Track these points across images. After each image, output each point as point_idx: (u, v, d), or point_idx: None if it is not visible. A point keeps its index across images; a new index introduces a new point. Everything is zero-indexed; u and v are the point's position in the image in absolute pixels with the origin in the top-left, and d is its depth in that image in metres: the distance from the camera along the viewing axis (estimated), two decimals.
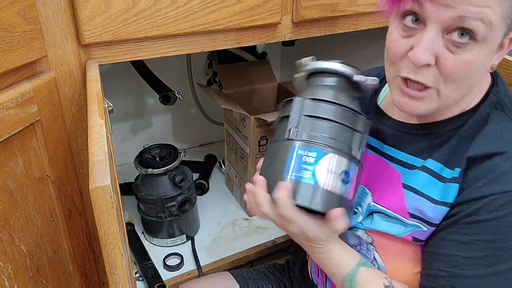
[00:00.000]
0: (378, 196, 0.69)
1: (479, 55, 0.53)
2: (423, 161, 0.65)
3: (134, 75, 1.23)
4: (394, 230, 0.66)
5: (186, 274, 1.05)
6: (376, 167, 0.71)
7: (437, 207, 0.62)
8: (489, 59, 0.56)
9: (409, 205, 0.65)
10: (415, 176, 0.65)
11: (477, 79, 0.58)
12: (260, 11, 0.86)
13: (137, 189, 1.09)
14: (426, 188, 0.63)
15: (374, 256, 0.71)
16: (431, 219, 0.63)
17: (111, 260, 0.49)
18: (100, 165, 0.49)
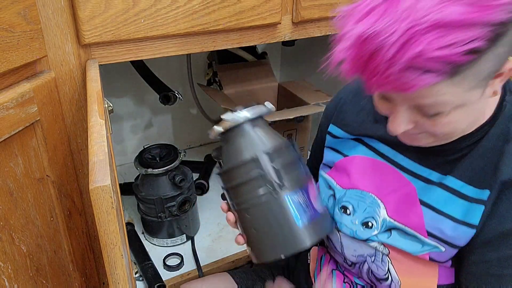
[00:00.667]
0: (394, 210, 0.67)
1: (457, 114, 0.52)
2: (441, 177, 0.63)
3: (134, 75, 1.22)
4: (410, 248, 0.65)
5: (186, 274, 1.05)
6: (387, 176, 0.69)
7: (457, 226, 0.60)
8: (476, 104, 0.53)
9: (428, 224, 0.63)
10: (433, 193, 0.63)
11: (472, 120, 0.57)
12: (260, 11, 0.86)
13: (137, 189, 1.09)
14: (447, 207, 0.62)
15: (389, 268, 0.70)
16: (450, 238, 0.61)
17: (111, 260, 0.49)
18: (100, 165, 0.49)
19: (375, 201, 0.69)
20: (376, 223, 0.68)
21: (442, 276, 0.66)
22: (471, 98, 0.51)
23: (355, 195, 0.72)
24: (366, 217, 0.70)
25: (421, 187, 0.64)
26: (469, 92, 0.49)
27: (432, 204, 0.63)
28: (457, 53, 0.44)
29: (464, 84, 0.48)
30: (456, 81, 0.48)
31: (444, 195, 0.62)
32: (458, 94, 0.49)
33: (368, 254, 0.71)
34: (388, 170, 0.69)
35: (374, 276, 0.72)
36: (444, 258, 0.63)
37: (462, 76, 0.47)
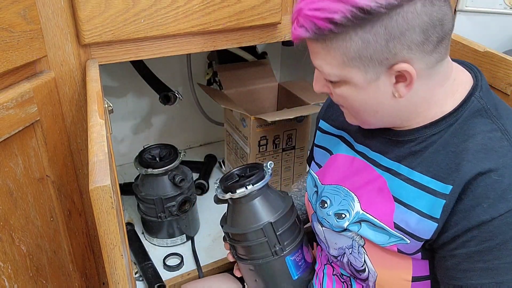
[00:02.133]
0: (367, 204, 0.69)
1: (350, 92, 0.60)
2: (409, 171, 0.64)
3: (134, 75, 1.22)
4: (378, 239, 0.67)
5: (186, 274, 1.05)
6: (363, 172, 0.71)
7: (422, 220, 0.62)
8: (373, 93, 0.59)
9: (396, 216, 0.65)
10: (403, 188, 0.65)
11: (379, 109, 0.62)
12: (260, 11, 0.86)
13: (137, 189, 1.09)
14: (415, 201, 0.63)
15: (365, 259, 0.71)
16: (414, 231, 0.63)
17: (111, 260, 0.49)
18: (100, 165, 0.49)
19: (349, 195, 0.72)
20: (349, 215, 0.71)
21: (416, 268, 0.67)
22: (354, 78, 0.58)
23: (332, 190, 0.75)
24: (340, 209, 0.72)
25: (391, 181, 0.66)
26: (344, 68, 0.57)
27: (402, 198, 0.64)
28: (320, 18, 0.54)
29: (336, 56, 0.57)
30: (325, 47, 0.57)
31: (412, 190, 0.63)
32: (334, 65, 0.58)
33: (346, 246, 0.74)
34: (363, 166, 0.71)
35: (354, 267, 0.74)
36: (411, 250, 0.64)
37: (330, 45, 0.56)
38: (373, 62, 0.56)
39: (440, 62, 0.58)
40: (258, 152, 1.16)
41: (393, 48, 0.54)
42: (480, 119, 0.60)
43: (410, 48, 0.54)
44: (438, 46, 0.56)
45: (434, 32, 0.55)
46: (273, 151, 1.18)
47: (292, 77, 1.58)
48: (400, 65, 0.55)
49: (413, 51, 0.55)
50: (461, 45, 0.87)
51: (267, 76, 1.37)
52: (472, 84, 0.63)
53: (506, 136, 0.58)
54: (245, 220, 0.80)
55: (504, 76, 0.80)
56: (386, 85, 0.58)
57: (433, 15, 0.53)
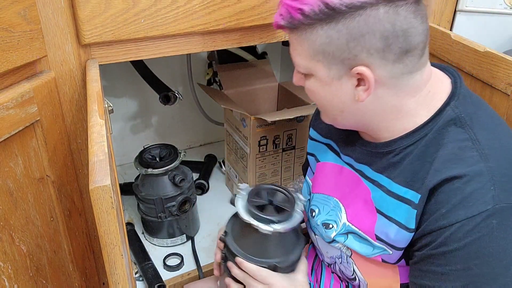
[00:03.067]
0: (352, 215, 0.70)
1: (316, 86, 0.62)
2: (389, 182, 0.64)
3: (134, 75, 1.22)
4: (363, 251, 0.68)
5: (186, 274, 1.05)
6: (350, 182, 0.71)
7: (400, 230, 0.62)
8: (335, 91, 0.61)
9: (377, 228, 0.65)
10: (384, 200, 0.65)
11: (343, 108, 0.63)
12: (260, 11, 0.86)
13: (137, 189, 1.09)
14: (394, 212, 0.63)
15: (354, 269, 0.72)
16: (394, 241, 0.63)
17: (111, 260, 0.49)
18: (100, 165, 0.49)
19: (337, 205, 0.72)
20: (337, 226, 0.71)
21: (403, 275, 0.68)
22: (319, 72, 0.60)
23: (321, 199, 0.76)
24: (328, 219, 0.73)
25: (375, 192, 0.67)
26: (311, 60, 0.60)
27: (383, 210, 0.65)
28: (294, 7, 0.57)
29: (305, 47, 0.59)
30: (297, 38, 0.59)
31: (392, 202, 0.64)
32: (303, 57, 0.60)
33: (336, 255, 0.75)
34: (351, 176, 0.71)
35: (346, 276, 0.75)
36: (393, 259, 0.65)
37: (300, 35, 0.59)
38: (336, 60, 0.57)
39: (409, 74, 0.58)
40: (258, 152, 1.16)
41: (353, 49, 0.56)
42: (454, 128, 0.60)
43: (369, 52, 0.55)
44: (402, 58, 0.56)
45: (397, 42, 0.55)
46: (273, 151, 1.18)
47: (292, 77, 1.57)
48: (359, 68, 0.56)
49: (373, 57, 0.56)
50: (461, 45, 0.87)
51: (267, 76, 1.37)
52: (450, 92, 0.63)
53: (476, 145, 0.58)
54: (253, 247, 0.76)
55: (504, 76, 0.80)
56: (347, 86, 0.59)
57: (396, 24, 0.54)
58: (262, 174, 1.20)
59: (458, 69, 0.91)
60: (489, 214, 0.54)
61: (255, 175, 1.19)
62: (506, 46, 1.06)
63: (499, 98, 0.82)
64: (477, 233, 0.54)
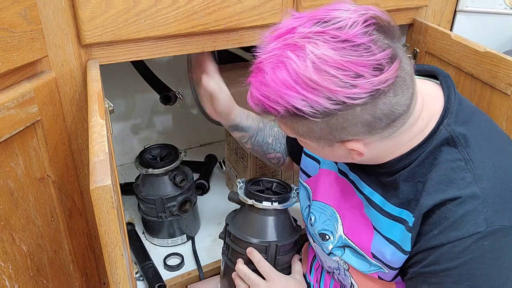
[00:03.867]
0: (349, 227, 0.70)
1: (310, 148, 0.63)
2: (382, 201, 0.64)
3: (135, 75, 1.22)
4: (360, 267, 0.68)
5: (187, 274, 1.05)
6: (345, 191, 0.72)
7: (396, 252, 0.62)
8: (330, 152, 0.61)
9: (374, 246, 0.66)
10: (379, 220, 0.65)
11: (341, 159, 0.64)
12: (261, 11, 0.86)
13: (138, 189, 1.09)
14: (391, 232, 0.63)
15: (352, 282, 0.73)
16: (390, 262, 0.64)
17: (111, 260, 0.49)
18: (101, 165, 0.49)
19: (334, 215, 0.73)
20: (333, 237, 0.72)
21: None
22: (309, 144, 0.61)
23: (318, 207, 0.76)
24: (324, 228, 0.73)
25: (367, 208, 0.67)
26: (297, 136, 0.60)
27: (380, 230, 0.65)
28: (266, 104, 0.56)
29: (288, 128, 0.59)
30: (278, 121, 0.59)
31: (386, 222, 0.64)
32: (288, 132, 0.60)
33: (334, 267, 0.76)
34: (346, 187, 0.72)
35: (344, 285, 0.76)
36: (389, 277, 0.66)
37: (280, 120, 0.58)
38: (323, 139, 0.58)
39: (402, 127, 0.58)
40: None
41: (338, 135, 0.56)
42: (447, 148, 0.59)
43: (356, 135, 0.56)
44: (390, 125, 0.56)
45: (380, 122, 0.55)
46: None
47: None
48: (349, 144, 0.57)
49: (360, 136, 0.56)
50: (461, 45, 0.87)
51: None
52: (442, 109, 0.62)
53: (469, 166, 0.57)
54: (255, 230, 0.81)
55: (504, 76, 0.80)
56: (340, 150, 0.60)
57: (376, 112, 0.54)
58: (262, 174, 1.20)
59: (458, 69, 0.91)
60: (481, 236, 0.54)
61: (256, 175, 1.19)
62: (506, 46, 1.06)
63: (499, 98, 0.82)
64: (468, 254, 0.54)
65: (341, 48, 0.51)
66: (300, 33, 0.53)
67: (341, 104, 0.51)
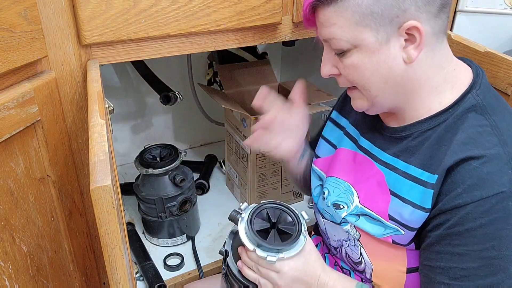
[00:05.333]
0: (364, 198, 0.70)
1: (361, 57, 0.60)
2: (405, 165, 0.65)
3: (135, 75, 1.23)
4: (374, 231, 0.68)
5: (187, 274, 1.05)
6: (363, 167, 0.72)
7: (414, 211, 0.62)
8: (384, 57, 0.59)
9: (391, 209, 0.66)
10: (399, 182, 0.65)
11: (389, 78, 0.61)
12: (261, 11, 0.86)
13: (138, 189, 1.09)
14: (409, 194, 0.64)
15: (361, 252, 0.73)
16: (408, 221, 0.63)
17: (111, 260, 0.49)
18: (101, 165, 0.49)
19: (349, 189, 0.73)
20: (348, 207, 0.72)
21: (410, 259, 0.68)
22: (366, 40, 0.58)
23: (333, 182, 0.77)
24: (339, 200, 0.73)
25: (389, 175, 0.67)
26: (357, 28, 0.58)
27: (398, 192, 0.66)
28: None
29: (348, 16, 0.57)
30: (336, 10, 0.58)
31: (407, 184, 0.64)
32: (346, 27, 0.58)
33: (343, 238, 0.75)
34: (364, 161, 0.72)
35: (351, 259, 0.76)
36: (405, 241, 0.65)
37: (340, 5, 0.57)
38: (384, 20, 0.56)
39: (443, 34, 0.60)
40: (259, 152, 1.16)
41: (402, 3, 0.55)
42: (474, 114, 0.60)
43: (417, 5, 0.56)
44: (441, 12, 0.58)
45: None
46: None
47: (292, 77, 1.58)
48: (410, 22, 0.56)
49: (421, 10, 0.56)
50: (462, 45, 0.87)
51: (267, 76, 1.37)
52: (471, 80, 0.64)
53: (496, 132, 0.58)
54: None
55: (504, 76, 0.80)
56: (395, 49, 0.59)
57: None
58: (262, 174, 1.20)
59: None
60: (505, 196, 0.54)
61: (255, 175, 1.19)
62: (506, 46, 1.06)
63: None
64: (493, 214, 0.55)
65: None
66: None
67: None
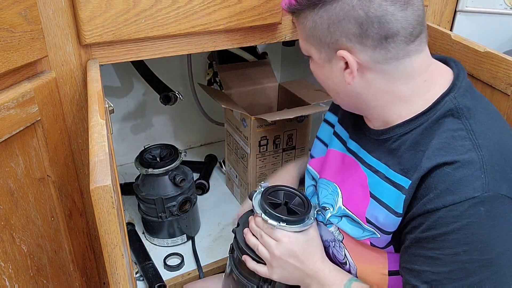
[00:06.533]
0: (347, 199, 0.71)
1: (314, 68, 0.68)
2: (386, 168, 0.65)
3: (135, 75, 1.23)
4: (354, 233, 0.69)
5: (187, 274, 1.05)
6: (349, 168, 0.73)
7: (388, 215, 0.63)
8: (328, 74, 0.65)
9: (369, 212, 0.66)
10: (379, 185, 0.66)
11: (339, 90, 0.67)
12: (261, 11, 0.86)
13: (138, 189, 1.09)
14: (388, 198, 0.64)
15: (345, 254, 0.73)
16: (382, 225, 0.64)
17: (111, 260, 0.49)
18: (101, 165, 0.49)
19: (336, 190, 0.74)
20: (333, 209, 0.73)
21: (391, 262, 0.68)
22: (313, 55, 0.65)
23: (323, 183, 0.78)
24: (325, 202, 0.75)
25: (371, 178, 0.68)
26: (306, 43, 0.65)
27: (377, 195, 0.66)
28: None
29: (301, 31, 0.65)
30: (296, 22, 0.66)
31: (386, 187, 0.65)
32: (301, 39, 0.66)
33: (330, 239, 0.76)
34: (351, 163, 0.73)
35: (338, 260, 0.76)
36: (382, 243, 0.66)
37: (297, 20, 0.65)
38: (322, 44, 0.62)
39: (395, 60, 0.60)
40: (259, 152, 1.16)
41: (333, 34, 0.59)
42: (450, 119, 0.60)
43: (348, 37, 0.59)
44: (383, 44, 0.58)
45: (372, 28, 0.57)
46: (273, 151, 1.18)
47: (293, 77, 1.58)
48: (341, 52, 0.60)
49: (352, 42, 0.59)
50: (462, 45, 0.87)
51: (267, 76, 1.37)
52: (450, 83, 0.63)
53: (470, 135, 0.58)
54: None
55: (504, 76, 0.80)
56: (337, 69, 0.63)
57: (370, 11, 0.56)
58: (262, 174, 1.20)
59: None
60: (477, 202, 0.54)
61: (256, 175, 1.19)
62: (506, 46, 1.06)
63: (499, 98, 0.82)
64: (465, 219, 0.54)
65: None
66: None
67: None
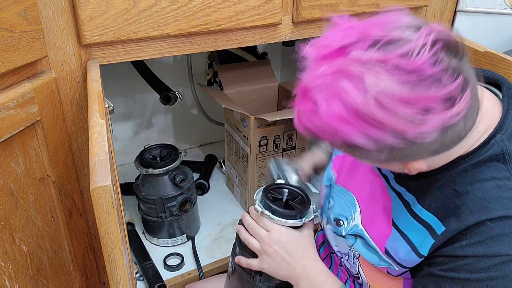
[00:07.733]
0: (368, 220, 0.68)
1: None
2: (413, 200, 0.62)
3: (135, 75, 1.23)
4: (369, 258, 0.67)
5: (187, 274, 1.05)
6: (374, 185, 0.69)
7: (410, 252, 0.61)
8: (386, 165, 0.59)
9: (389, 243, 0.64)
10: (404, 217, 0.63)
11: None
12: (261, 11, 0.86)
13: (138, 189, 1.09)
14: (411, 233, 0.61)
15: (359, 270, 0.72)
16: (402, 261, 0.62)
17: (111, 260, 0.49)
18: (101, 165, 0.49)
19: (353, 203, 0.71)
20: (347, 224, 0.70)
21: (406, 286, 0.67)
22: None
23: (339, 191, 0.75)
24: (341, 213, 0.72)
25: (396, 204, 0.65)
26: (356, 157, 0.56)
27: (399, 225, 0.63)
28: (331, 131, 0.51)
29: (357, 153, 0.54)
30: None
31: (410, 221, 0.62)
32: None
33: (344, 252, 0.74)
34: (378, 180, 0.69)
35: (351, 273, 0.75)
36: (397, 274, 0.65)
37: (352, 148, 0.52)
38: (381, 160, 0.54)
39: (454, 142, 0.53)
40: (259, 152, 1.16)
41: (399, 159, 0.52)
42: (495, 164, 0.56)
43: (420, 158, 0.52)
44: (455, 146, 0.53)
45: (447, 148, 0.52)
46: (273, 151, 1.18)
47: (293, 77, 1.57)
48: (411, 164, 0.54)
49: (424, 158, 0.53)
50: None
51: (267, 76, 1.37)
52: (497, 123, 0.58)
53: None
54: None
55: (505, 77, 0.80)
56: (397, 165, 0.56)
57: (444, 141, 0.50)
58: (262, 174, 1.20)
59: None
60: (509, 260, 0.52)
61: (256, 175, 1.19)
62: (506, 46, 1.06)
63: None
64: (491, 273, 0.52)
65: (408, 82, 0.44)
66: (355, 59, 0.46)
67: (409, 141, 0.47)
